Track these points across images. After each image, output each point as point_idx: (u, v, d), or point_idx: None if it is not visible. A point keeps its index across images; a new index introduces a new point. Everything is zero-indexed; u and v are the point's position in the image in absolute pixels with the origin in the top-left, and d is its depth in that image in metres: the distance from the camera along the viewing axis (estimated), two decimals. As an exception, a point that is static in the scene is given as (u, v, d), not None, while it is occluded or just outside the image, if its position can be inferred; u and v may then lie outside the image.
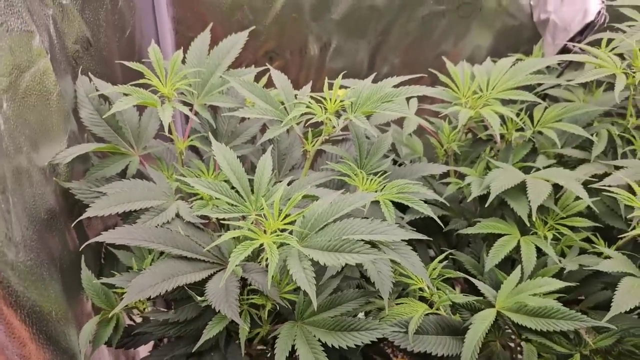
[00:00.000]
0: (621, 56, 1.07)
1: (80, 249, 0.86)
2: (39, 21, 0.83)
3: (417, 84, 0.92)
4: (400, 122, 1.16)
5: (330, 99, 0.89)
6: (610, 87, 1.17)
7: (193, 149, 1.06)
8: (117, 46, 1.17)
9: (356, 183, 0.93)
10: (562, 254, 1.00)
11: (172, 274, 0.78)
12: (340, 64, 1.46)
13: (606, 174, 1.00)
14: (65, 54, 0.94)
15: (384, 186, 0.91)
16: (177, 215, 0.86)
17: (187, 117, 1.04)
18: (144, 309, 0.92)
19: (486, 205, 0.96)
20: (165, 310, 0.89)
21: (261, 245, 0.74)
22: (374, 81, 0.94)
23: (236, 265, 0.72)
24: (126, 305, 0.75)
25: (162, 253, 0.85)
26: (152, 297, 0.75)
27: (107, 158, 0.96)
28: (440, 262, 0.95)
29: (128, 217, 0.89)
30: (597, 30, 1.21)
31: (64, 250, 0.88)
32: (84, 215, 0.83)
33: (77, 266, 0.88)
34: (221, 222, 0.89)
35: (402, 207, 0.96)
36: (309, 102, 0.90)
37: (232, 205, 0.78)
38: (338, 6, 1.38)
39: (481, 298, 0.85)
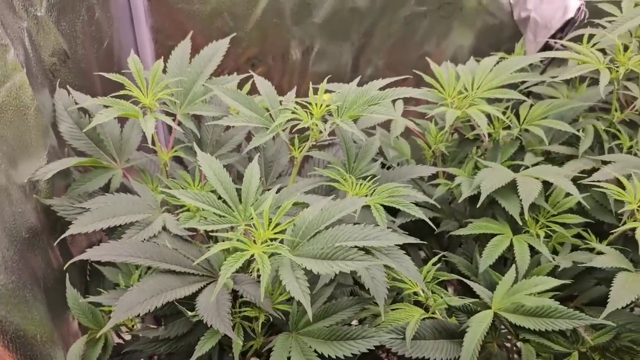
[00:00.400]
0: (603, 51, 1.08)
1: (64, 268, 0.83)
2: (13, 34, 0.80)
3: (402, 85, 0.91)
4: (386, 124, 1.16)
5: (316, 104, 0.88)
6: (594, 82, 1.18)
7: (177, 159, 1.04)
8: (95, 58, 1.14)
9: (346, 188, 0.92)
10: (554, 251, 0.99)
11: (160, 289, 0.76)
12: (323, 67, 1.45)
13: (594, 169, 1.00)
14: (41, 67, 0.91)
15: (374, 190, 0.90)
16: (164, 228, 0.84)
17: (170, 128, 1.02)
18: (133, 327, 0.90)
19: (477, 206, 0.96)
20: (155, 326, 0.87)
21: (252, 256, 0.72)
22: (359, 84, 0.93)
23: (227, 278, 0.70)
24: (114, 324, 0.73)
25: (149, 268, 0.82)
26: (141, 315, 0.73)
27: (89, 172, 0.94)
28: (434, 264, 0.94)
29: (113, 232, 0.87)
30: (578, 26, 1.22)
31: (47, 270, 0.85)
32: (67, 233, 0.81)
33: (61, 285, 0.85)
34: (210, 233, 0.87)
35: (392, 211, 0.95)
36: (295, 107, 0.89)
37: (220, 216, 0.77)
38: (319, 9, 1.37)
39: (477, 300, 0.84)
